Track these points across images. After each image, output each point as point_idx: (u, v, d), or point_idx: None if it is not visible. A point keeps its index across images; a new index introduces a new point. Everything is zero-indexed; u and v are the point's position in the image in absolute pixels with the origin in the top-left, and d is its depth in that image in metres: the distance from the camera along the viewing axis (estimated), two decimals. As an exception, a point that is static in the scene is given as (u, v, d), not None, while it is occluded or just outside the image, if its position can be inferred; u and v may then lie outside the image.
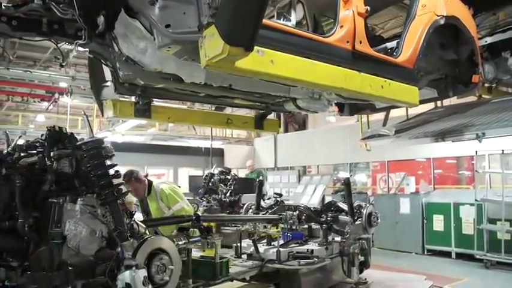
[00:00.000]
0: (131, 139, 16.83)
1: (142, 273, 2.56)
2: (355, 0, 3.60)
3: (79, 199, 2.75)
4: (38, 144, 2.92)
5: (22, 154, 2.86)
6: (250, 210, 6.37)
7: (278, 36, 2.97)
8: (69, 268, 2.57)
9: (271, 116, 5.37)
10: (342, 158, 14.43)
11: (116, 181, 2.95)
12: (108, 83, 3.63)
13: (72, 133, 2.97)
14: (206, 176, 8.79)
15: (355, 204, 5.61)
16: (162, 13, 2.69)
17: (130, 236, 2.80)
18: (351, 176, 13.98)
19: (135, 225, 3.14)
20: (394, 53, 4.09)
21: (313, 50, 3.16)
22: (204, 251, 4.19)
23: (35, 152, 2.86)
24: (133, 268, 2.53)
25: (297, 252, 5.09)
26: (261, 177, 8.50)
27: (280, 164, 17.11)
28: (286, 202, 6.68)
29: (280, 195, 7.43)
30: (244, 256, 5.21)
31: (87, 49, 3.33)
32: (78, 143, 2.86)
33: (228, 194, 8.25)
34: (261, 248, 5.23)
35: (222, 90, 3.78)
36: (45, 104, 15.70)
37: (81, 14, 2.84)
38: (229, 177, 8.61)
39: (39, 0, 2.93)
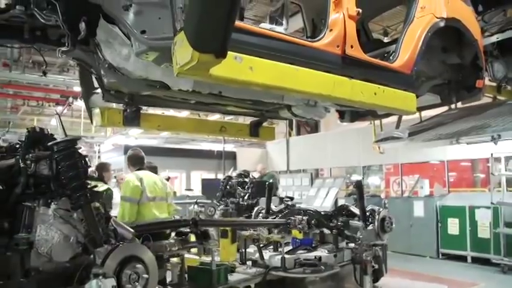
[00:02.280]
0: (144, 142, 16.91)
1: (110, 282, 2.43)
2: (346, 3, 3.46)
3: (53, 203, 2.65)
4: (18, 146, 2.85)
5: (1, 156, 2.80)
6: (261, 215, 6.23)
7: (259, 41, 2.86)
8: (40, 275, 2.48)
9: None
10: (355, 161, 14.29)
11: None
12: (98, 91, 3.58)
13: (52, 134, 2.87)
14: (224, 179, 8.70)
15: (368, 208, 5.38)
16: (137, 18, 2.62)
17: (105, 242, 2.67)
18: (363, 178, 13.80)
19: (120, 230, 3.01)
20: (391, 58, 3.93)
21: (299, 55, 3.04)
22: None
23: (15, 154, 2.78)
24: (100, 277, 2.39)
25: (304, 259, 4.94)
26: (271, 180, 8.40)
27: (292, 167, 16.99)
28: (297, 206, 6.53)
29: (292, 198, 7.32)
30: (250, 263, 5.10)
31: (71, 56, 3.29)
32: (49, 144, 2.74)
33: (245, 197, 8.13)
34: (267, 254, 5.11)
35: (213, 97, 3.69)
36: (59, 108, 15.89)
37: (64, 19, 2.79)
38: (247, 180, 8.50)
39: (21, 6, 2.90)
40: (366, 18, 5.10)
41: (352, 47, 3.39)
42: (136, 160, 5.73)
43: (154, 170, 7.67)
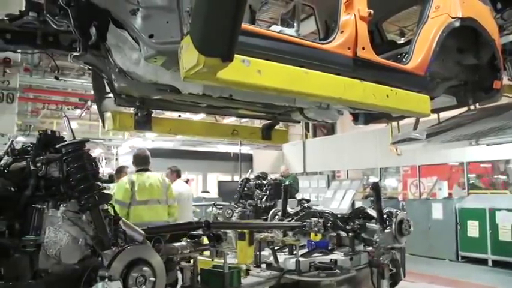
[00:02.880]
0: (161, 145, 17.06)
1: (116, 285, 2.38)
2: (357, 4, 3.40)
3: (62, 205, 2.62)
4: (30, 148, 2.86)
5: (14, 158, 2.82)
6: (277, 217, 6.19)
7: (267, 44, 2.83)
8: (48, 277, 2.46)
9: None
10: (372, 163, 14.17)
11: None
12: (110, 95, 3.61)
13: (62, 137, 2.87)
14: (242, 181, 8.69)
15: (385, 211, 5.19)
16: (145, 23, 2.61)
17: (113, 244, 2.63)
18: (380, 180, 13.67)
19: (131, 232, 2.99)
20: (404, 59, 3.86)
21: (309, 57, 3.00)
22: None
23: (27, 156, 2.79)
24: (106, 280, 2.36)
25: (319, 263, 4.85)
26: (287, 182, 8.37)
27: (309, 168, 16.94)
28: (314, 208, 6.45)
29: (308, 200, 7.26)
30: (264, 265, 5.06)
31: (82, 61, 3.32)
32: (57, 146, 2.72)
33: (263, 200, 8.10)
34: (282, 257, 5.05)
35: (225, 101, 3.67)
36: (78, 111, 16.15)
37: (75, 25, 2.81)
38: (265, 182, 8.46)
39: (34, 12, 2.95)
40: (380, 19, 5.03)
41: (363, 48, 3.32)
42: (139, 160, 5.78)
43: (178, 173, 7.88)
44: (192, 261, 3.80)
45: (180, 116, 4.97)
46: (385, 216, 5.16)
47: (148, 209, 5.52)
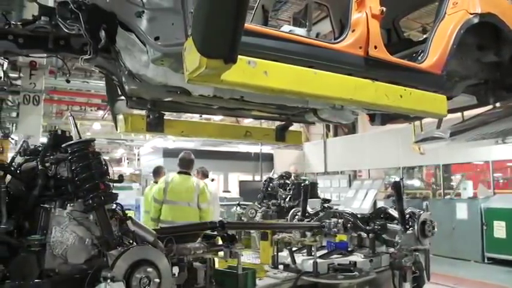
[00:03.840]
0: (182, 145, 17.17)
1: (119, 286, 2.35)
2: (369, 1, 3.29)
3: (69, 205, 2.63)
4: (41, 148, 2.86)
5: (26, 159, 2.85)
6: (296, 217, 6.12)
7: (275, 45, 2.77)
8: (55, 277, 2.46)
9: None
10: (394, 162, 13.99)
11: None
12: (123, 97, 3.63)
13: (70, 136, 2.85)
14: (265, 180, 8.66)
15: (407, 211, 4.98)
16: (150, 25, 2.60)
17: (119, 244, 2.59)
18: (401, 179, 13.48)
19: (141, 232, 2.94)
20: (419, 58, 3.74)
21: (319, 58, 2.92)
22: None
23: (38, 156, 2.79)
24: (109, 280, 2.33)
25: (338, 264, 4.76)
26: (307, 182, 8.31)
27: (330, 168, 16.86)
28: (334, 208, 6.35)
29: (328, 200, 7.17)
30: (281, 267, 5.01)
31: (93, 64, 3.34)
32: (63, 146, 2.72)
33: (287, 199, 8.06)
34: (300, 258, 4.99)
35: (237, 102, 3.63)
36: (100, 112, 16.43)
37: (86, 28, 2.83)
38: (288, 181, 8.42)
39: (45, 17, 2.98)
40: (397, 17, 4.91)
41: (376, 47, 3.22)
42: (180, 162, 6.39)
43: (204, 173, 8.13)
44: (208, 261, 3.77)
45: (201, 117, 4.99)
46: (407, 216, 4.99)
47: (176, 209, 6.05)
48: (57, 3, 2.99)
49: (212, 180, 10.14)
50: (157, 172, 8.03)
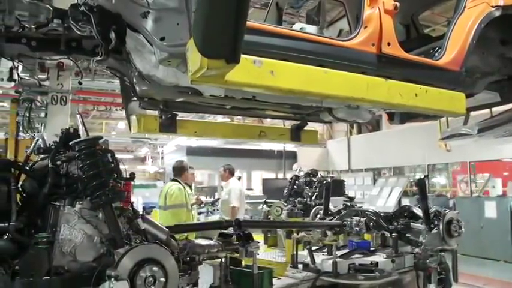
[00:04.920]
0: (206, 143, 17.25)
1: (123, 285, 2.32)
2: None
3: (78, 203, 2.64)
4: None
5: (42, 158, 2.88)
6: (318, 216, 6.03)
7: (281, 43, 2.69)
8: (64, 274, 2.47)
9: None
10: (419, 159, 13.77)
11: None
12: (136, 98, 3.64)
13: (78, 134, 2.86)
14: (291, 178, 8.62)
15: (432, 210, 4.80)
16: (156, 25, 2.57)
17: (126, 243, 2.57)
18: (426, 177, 13.21)
19: (154, 231, 2.94)
20: (436, 54, 3.61)
21: (329, 56, 2.84)
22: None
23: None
24: (112, 279, 2.30)
25: (359, 264, 4.65)
26: (328, 179, 8.21)
27: (354, 166, 16.75)
28: (357, 206, 6.22)
29: (352, 198, 7.06)
30: (301, 266, 4.95)
31: (105, 65, 3.36)
32: (70, 143, 2.74)
33: (313, 197, 7.98)
34: (320, 257, 4.91)
35: (249, 102, 3.59)
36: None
37: (98, 30, 2.84)
38: (314, 179, 8.34)
39: (58, 19, 3.02)
40: (416, 12, 4.77)
41: (389, 44, 3.10)
42: (172, 170, 7.09)
43: (230, 171, 8.32)
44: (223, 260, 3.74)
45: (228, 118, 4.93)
46: (432, 215, 4.81)
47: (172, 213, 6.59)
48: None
49: (239, 178, 10.16)
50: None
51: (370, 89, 2.91)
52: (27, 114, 8.84)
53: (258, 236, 7.59)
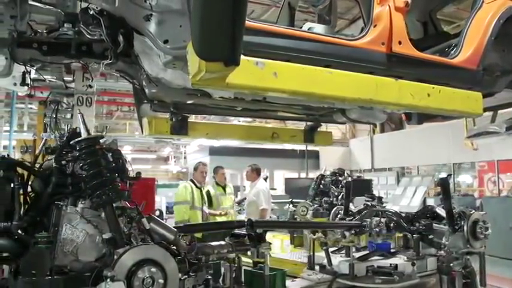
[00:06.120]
0: (228, 143, 17.27)
1: (119, 286, 2.29)
2: None
3: (80, 202, 2.65)
4: None
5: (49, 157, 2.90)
6: (339, 216, 5.92)
7: (286, 43, 2.65)
8: (66, 274, 2.48)
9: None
10: (444, 158, 13.49)
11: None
12: (146, 100, 3.66)
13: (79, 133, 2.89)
14: (316, 177, 8.55)
15: (457, 210, 4.59)
16: (159, 28, 2.55)
17: (126, 243, 2.57)
18: (450, 176, 12.93)
19: (161, 231, 2.94)
20: (452, 52, 3.49)
21: (336, 56, 2.78)
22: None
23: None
24: (108, 280, 2.27)
25: (378, 267, 4.53)
26: (349, 179, 8.11)
27: (377, 165, 16.57)
28: (378, 206, 6.09)
29: (380, 198, 6.90)
30: (318, 268, 4.88)
31: (114, 68, 3.38)
32: (71, 143, 2.75)
33: (339, 197, 7.87)
34: (337, 259, 4.82)
35: (260, 103, 3.57)
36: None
37: (108, 33, 2.85)
38: (341, 178, 8.23)
39: (68, 24, 3.05)
40: (434, 9, 4.63)
41: (400, 43, 3.02)
42: None
43: (258, 171, 8.19)
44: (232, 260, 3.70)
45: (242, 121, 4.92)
46: (456, 216, 4.60)
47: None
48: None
49: (266, 178, 10.15)
50: (214, 171, 8.21)
51: (379, 89, 2.84)
52: (54, 116, 9.06)
53: (284, 236, 7.59)
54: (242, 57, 2.15)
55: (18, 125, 13.96)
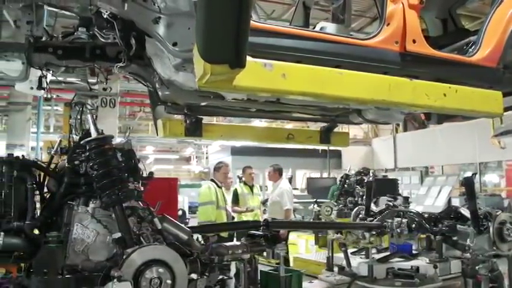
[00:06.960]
0: (249, 143, 17.27)
1: (125, 286, 2.29)
2: None
3: (92, 202, 2.68)
4: None
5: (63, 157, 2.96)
6: (360, 216, 5.85)
7: (296, 44, 2.62)
8: (78, 273, 2.51)
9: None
10: (470, 157, 13.18)
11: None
12: (160, 102, 3.69)
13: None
14: (341, 177, 8.49)
15: (482, 211, 4.47)
16: (168, 31, 2.57)
17: (135, 243, 2.58)
18: (474, 175, 12.58)
19: (174, 231, 2.96)
20: (470, 50, 3.39)
21: (348, 56, 2.75)
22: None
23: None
24: (115, 280, 2.27)
25: (398, 269, 4.41)
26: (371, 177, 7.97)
27: (400, 164, 16.36)
28: (400, 206, 5.97)
29: (396, 198, 6.79)
30: (336, 269, 4.82)
31: (128, 71, 3.42)
32: (81, 143, 2.81)
33: (364, 197, 7.78)
34: (356, 261, 4.75)
35: (275, 105, 3.54)
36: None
37: (121, 36, 2.90)
38: (366, 178, 8.13)
39: (83, 28, 3.11)
40: (453, 6, 4.53)
41: (414, 41, 2.96)
42: None
43: (280, 171, 8.42)
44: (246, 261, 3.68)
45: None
46: (481, 217, 4.45)
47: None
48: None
49: (289, 178, 10.19)
50: (245, 172, 8.45)
51: (393, 89, 2.78)
52: (79, 117, 9.23)
53: (309, 237, 7.52)
54: (249, 58, 2.15)
55: (45, 127, 14.25)
